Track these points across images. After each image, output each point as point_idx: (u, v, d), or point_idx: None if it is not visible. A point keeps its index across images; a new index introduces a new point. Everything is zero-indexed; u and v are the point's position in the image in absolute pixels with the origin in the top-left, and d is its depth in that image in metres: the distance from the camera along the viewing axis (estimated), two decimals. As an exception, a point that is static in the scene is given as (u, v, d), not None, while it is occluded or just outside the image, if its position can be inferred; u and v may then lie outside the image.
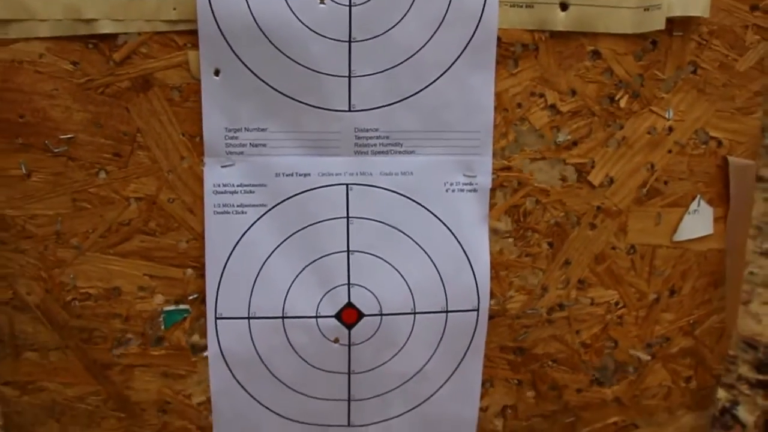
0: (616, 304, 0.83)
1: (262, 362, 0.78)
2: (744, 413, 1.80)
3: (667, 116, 0.79)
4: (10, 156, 0.72)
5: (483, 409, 0.84)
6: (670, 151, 0.80)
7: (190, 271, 0.76)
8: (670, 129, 0.80)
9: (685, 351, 0.86)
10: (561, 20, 0.75)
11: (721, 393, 1.87)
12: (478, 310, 0.79)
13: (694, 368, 0.87)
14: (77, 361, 0.78)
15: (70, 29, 0.71)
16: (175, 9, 0.71)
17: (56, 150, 0.72)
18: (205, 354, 0.78)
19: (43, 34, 0.70)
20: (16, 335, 0.77)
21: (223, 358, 0.78)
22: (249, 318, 0.77)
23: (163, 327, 0.77)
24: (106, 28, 0.71)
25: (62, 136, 0.72)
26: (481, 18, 0.74)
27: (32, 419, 0.80)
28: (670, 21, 0.76)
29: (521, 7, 0.75)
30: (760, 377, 1.89)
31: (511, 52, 0.75)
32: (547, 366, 0.84)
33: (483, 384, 0.83)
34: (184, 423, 0.81)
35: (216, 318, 0.77)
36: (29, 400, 0.79)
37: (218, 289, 0.76)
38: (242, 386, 0.79)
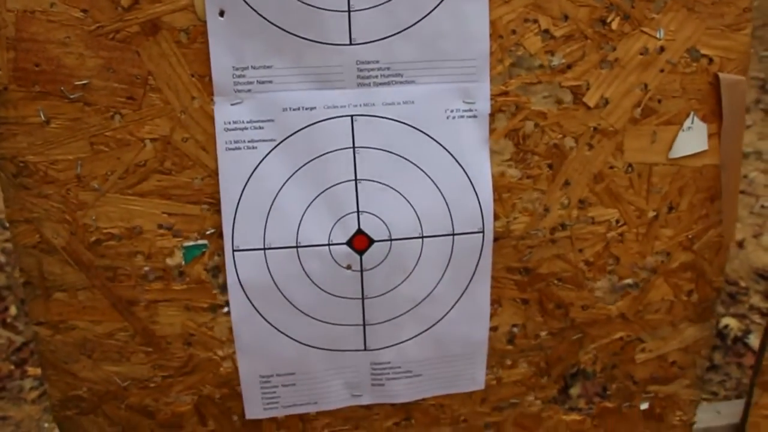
0: (617, 222, 0.83)
1: (279, 291, 0.79)
2: (755, 341, 1.80)
3: (658, 36, 0.78)
4: (28, 104, 0.73)
5: (493, 329, 0.85)
6: (662, 71, 0.79)
7: (206, 207, 0.77)
8: (662, 48, 0.79)
9: (686, 265, 0.86)
10: (551, -54, 0.75)
11: (732, 322, 1.88)
12: (483, 231, 0.80)
13: (695, 282, 0.87)
14: (104, 299, 0.79)
15: (78, -23, 0.72)
16: (177, -48, 0.71)
17: (72, 96, 0.73)
18: (224, 287, 0.79)
19: (53, -17, 0.72)
20: (45, 277, 0.78)
21: (242, 288, 0.78)
22: (264, 249, 0.77)
23: (183, 262, 0.78)
24: (112, -26, 0.72)
25: (77, 83, 0.73)
26: (473, -53, 0.73)
27: (66, 357, 0.82)
28: (658, -61, 0.76)
29: (511, -66, 0.75)
30: None
31: (503, -21, 0.75)
32: (552, 285, 0.84)
33: (491, 304, 0.83)
34: (208, 354, 0.82)
35: (233, 250, 0.77)
36: (62, 339, 0.81)
37: (234, 222, 0.77)
38: (261, 315, 0.79)
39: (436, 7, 0.75)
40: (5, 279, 2.00)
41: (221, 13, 0.73)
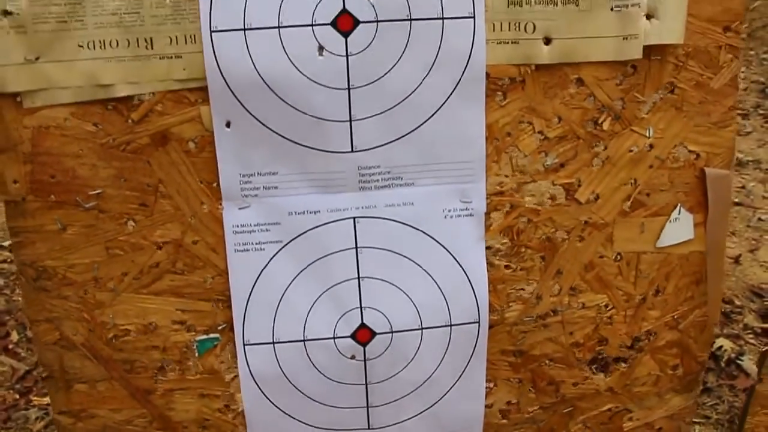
0: (606, 306, 0.80)
1: (288, 380, 0.76)
2: (749, 363, 1.74)
3: (647, 135, 0.75)
4: (45, 213, 0.70)
5: (488, 406, 0.82)
6: (651, 166, 0.76)
7: (217, 304, 0.74)
8: (651, 146, 0.75)
9: (672, 343, 0.83)
10: (545, 54, 0.71)
11: (726, 343, 1.80)
12: (479, 322, 0.77)
13: (680, 357, 0.84)
14: (122, 389, 0.76)
15: (89, 94, 0.67)
16: (185, 69, 0.67)
17: (87, 205, 0.70)
18: (236, 375, 0.77)
19: (66, 100, 0.67)
20: (66, 370, 0.75)
21: (253, 378, 0.76)
22: (273, 343, 0.75)
23: (197, 354, 0.77)
24: (122, 91, 0.67)
25: (91, 192, 0.69)
26: (470, 57, 0.69)
27: None
28: (648, 46, 0.73)
29: (507, 43, 0.71)
30: (766, 326, 1.82)
31: (499, 85, 0.71)
32: (544, 365, 0.82)
33: (487, 384, 0.81)
34: None
35: (244, 344, 0.75)
36: (83, 426, 0.78)
37: (244, 318, 0.74)
38: (271, 401, 0.77)
39: (433, 114, 0.71)
40: (5, 303, 1.85)
41: (227, 124, 0.69)
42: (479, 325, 0.77)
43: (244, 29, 0.66)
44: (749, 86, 3.05)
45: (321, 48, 0.67)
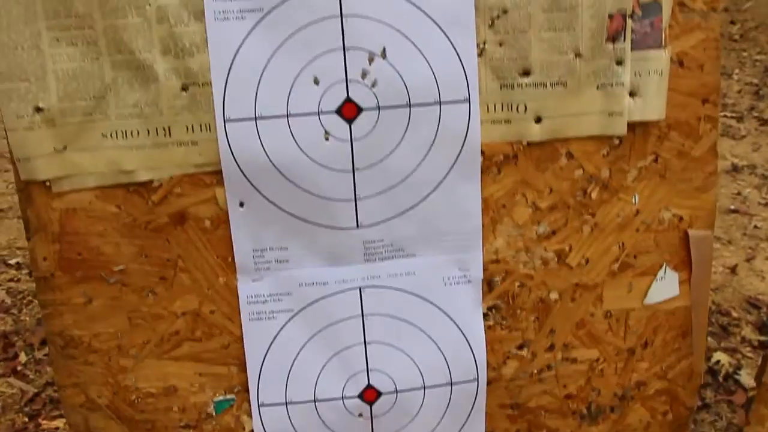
0: (597, 360, 0.86)
1: None
2: (746, 377, 1.76)
3: (633, 201, 0.81)
4: (72, 287, 0.75)
5: (489, 455, 0.90)
6: (637, 230, 0.81)
7: (233, 368, 0.80)
8: (637, 211, 0.81)
9: (661, 391, 0.89)
10: (536, 132, 0.76)
11: (723, 358, 1.81)
12: (477, 380, 0.82)
13: (669, 404, 0.89)
14: None
15: (112, 179, 0.73)
16: (200, 155, 0.73)
17: (111, 280, 0.76)
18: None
19: (91, 184, 0.73)
20: (91, 431, 0.82)
21: None
22: (286, 403, 0.80)
23: (214, 413, 0.83)
24: (143, 176, 0.73)
25: (115, 268, 0.75)
26: (466, 137, 0.75)
27: None
28: (632, 121, 0.78)
29: (500, 123, 0.76)
30: (763, 338, 1.83)
31: (494, 162, 0.76)
32: (540, 416, 0.87)
33: (487, 435, 0.88)
34: None
35: (259, 405, 0.80)
36: None
37: (258, 381, 0.79)
38: None
39: (433, 191, 0.76)
40: (12, 323, 1.84)
41: (241, 204, 0.75)
42: (478, 383, 0.82)
43: (255, 118, 0.71)
44: (743, 88, 3.04)
45: (327, 134, 0.72)
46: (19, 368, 1.73)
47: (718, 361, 1.64)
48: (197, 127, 0.72)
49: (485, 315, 0.81)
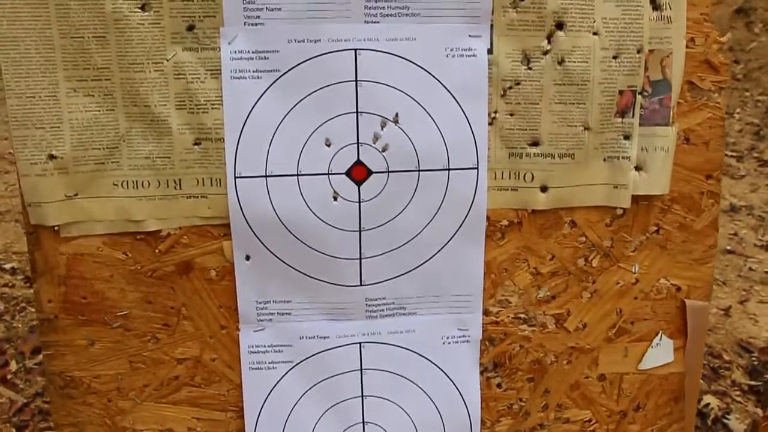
0: (589, 420, 0.88)
1: None
2: (735, 422, 1.77)
3: (633, 271, 0.83)
4: (75, 330, 0.77)
5: (479, 507, 0.92)
6: (636, 298, 0.83)
7: (231, 414, 0.81)
8: (636, 280, 0.83)
9: None
10: (541, 200, 0.78)
11: (713, 401, 1.82)
12: None
13: None
14: None
15: (121, 227, 0.74)
16: (209, 208, 0.75)
17: (114, 324, 0.77)
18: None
19: (100, 231, 0.74)
20: None
21: None
22: None
23: (210, 459, 0.85)
24: (152, 226, 0.74)
25: (119, 313, 0.77)
26: (472, 203, 0.76)
27: None
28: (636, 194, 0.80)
29: (507, 190, 0.78)
30: (753, 383, 1.85)
31: (498, 227, 0.78)
32: None
33: (478, 488, 0.90)
34: None
35: None
36: None
37: (255, 428, 0.81)
38: None
39: (437, 253, 0.78)
40: (4, 329, 1.82)
41: (247, 257, 0.77)
42: (471, 440, 0.84)
43: (266, 176, 0.73)
44: (744, 128, 3.09)
45: (336, 194, 0.74)
46: (9, 377, 1.72)
47: (707, 404, 1.65)
48: (208, 181, 0.74)
49: (481, 373, 0.83)
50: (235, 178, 0.73)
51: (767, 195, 2.54)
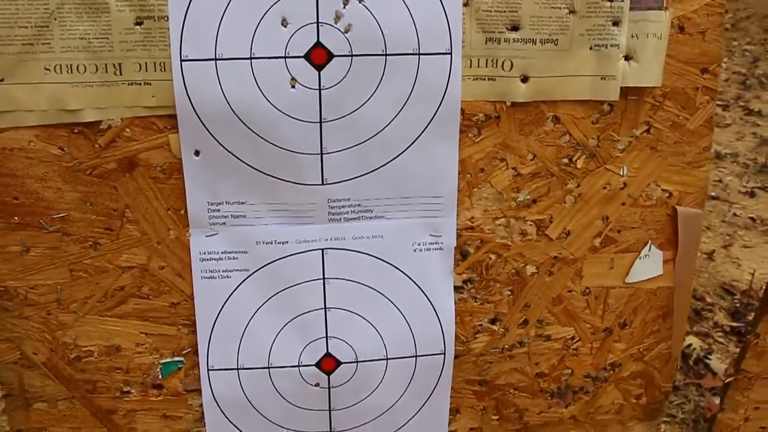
0: (572, 338, 0.85)
1: (251, 405, 0.79)
2: (716, 362, 1.81)
3: (621, 173, 0.79)
4: (8, 234, 0.72)
5: (452, 432, 0.89)
6: (623, 204, 0.79)
7: (182, 328, 0.77)
8: (624, 184, 0.79)
9: (636, 374, 0.88)
10: (522, 92, 0.74)
11: (695, 341, 1.87)
12: (444, 353, 0.80)
13: (644, 387, 0.89)
14: (83, 408, 0.79)
15: (55, 118, 0.69)
16: (153, 96, 0.69)
17: (51, 228, 0.72)
18: (199, 400, 0.80)
19: (31, 122, 0.69)
20: (26, 389, 0.78)
21: (216, 402, 0.79)
22: (238, 369, 0.78)
23: (160, 376, 0.80)
24: (89, 116, 0.69)
25: (55, 215, 0.72)
26: (445, 93, 0.71)
27: None
28: (626, 86, 0.76)
29: (483, 80, 0.73)
30: (735, 324, 1.89)
31: (474, 121, 0.74)
32: (509, 393, 0.86)
33: (451, 411, 0.85)
34: None
35: (208, 370, 0.78)
36: None
37: (209, 344, 0.77)
38: (234, 425, 0.80)
39: (406, 149, 0.74)
40: None
41: (196, 153, 0.71)
42: (444, 357, 0.81)
43: (215, 59, 0.68)
44: (730, 77, 3.11)
45: (293, 80, 0.69)
46: None
47: (689, 345, 1.70)
48: (151, 65, 0.68)
49: (456, 285, 0.79)
50: (181, 61, 0.67)
51: (752, 143, 2.59)
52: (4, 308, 0.75)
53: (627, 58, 0.74)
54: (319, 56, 0.69)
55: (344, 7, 0.68)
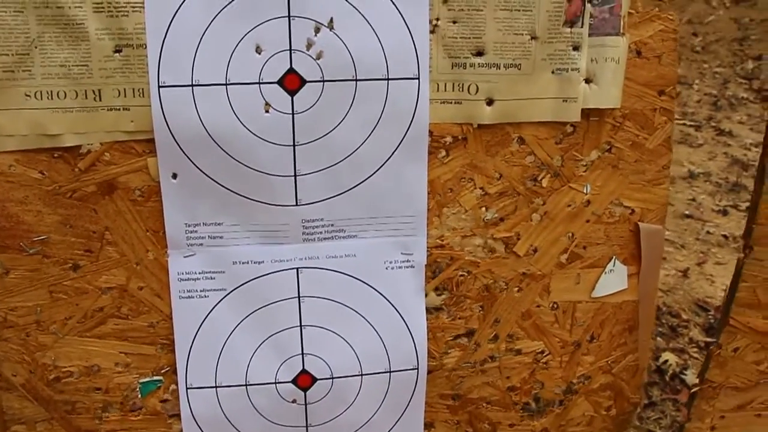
0: (542, 352, 0.88)
1: (230, 423, 0.81)
2: (692, 377, 1.85)
3: (585, 191, 0.82)
4: (-12, 257, 0.75)
5: (427, 446, 0.91)
6: (588, 221, 0.83)
7: (161, 348, 0.79)
8: (588, 202, 0.82)
9: (605, 386, 0.91)
10: (487, 114, 0.77)
11: (671, 357, 1.91)
12: (417, 368, 0.83)
13: (613, 399, 0.92)
14: (63, 429, 0.80)
15: (36, 143, 0.71)
16: (132, 121, 0.72)
17: (31, 250, 0.74)
18: (178, 418, 0.81)
19: (11, 147, 0.71)
20: (4, 411, 0.79)
21: (195, 420, 0.80)
22: (216, 387, 0.79)
23: (140, 396, 0.82)
24: (69, 141, 0.71)
25: (36, 238, 0.74)
26: (413, 116, 0.75)
27: None
28: (587, 108, 0.79)
29: (450, 103, 0.77)
30: (709, 340, 1.93)
31: (442, 143, 0.77)
32: (482, 407, 0.88)
33: (425, 426, 0.87)
34: None
35: (187, 388, 0.79)
36: None
37: (187, 363, 0.79)
38: None
39: (377, 170, 0.76)
40: None
41: (174, 176, 0.74)
42: (418, 372, 0.83)
43: (192, 85, 0.70)
44: (702, 98, 3.21)
45: (268, 105, 0.72)
46: None
47: (666, 361, 1.75)
48: (130, 91, 0.71)
49: (428, 301, 0.81)
50: (159, 87, 0.70)
51: (724, 163, 2.67)
52: (-16, 330, 0.76)
53: (587, 81, 0.78)
54: (292, 82, 0.72)
55: (316, 35, 0.71)
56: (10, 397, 0.79)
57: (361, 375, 0.82)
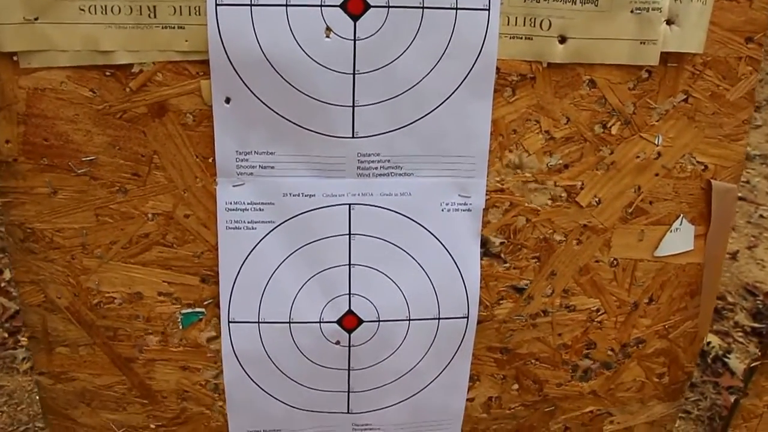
0: (597, 310, 0.84)
1: (271, 360, 0.80)
2: (735, 361, 1.80)
3: (656, 142, 0.78)
4: (36, 176, 0.72)
5: (470, 400, 0.86)
6: (657, 175, 0.78)
7: (205, 279, 0.77)
8: (659, 154, 0.78)
9: (660, 351, 0.87)
10: (559, 52, 0.73)
11: (715, 340, 1.86)
12: (467, 317, 0.81)
13: (667, 366, 0.88)
14: (104, 355, 0.80)
15: (88, 59, 0.69)
16: (187, 41, 0.69)
17: (79, 171, 0.73)
18: (219, 351, 0.80)
19: (63, 63, 0.69)
20: (49, 333, 0.79)
21: (235, 355, 0.80)
22: (259, 322, 0.78)
23: (181, 327, 0.81)
24: (122, 58, 0.69)
25: (84, 158, 0.72)
26: (481, 50, 0.71)
27: (65, 404, 0.83)
28: (666, 52, 0.75)
29: (521, 38, 0.73)
30: (756, 325, 1.88)
31: (509, 81, 0.73)
32: (530, 363, 0.86)
33: (470, 378, 0.85)
34: (201, 408, 0.83)
35: (229, 322, 0.78)
36: (62, 388, 0.82)
37: (231, 296, 0.77)
38: (252, 380, 0.81)
39: (439, 105, 0.73)
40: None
41: (227, 100, 0.71)
42: (467, 321, 0.80)
43: (251, 5, 0.67)
44: (764, 78, 3.07)
45: (329, 30, 0.69)
46: (2, 284, 1.78)
47: (709, 343, 1.70)
48: (185, 9, 0.68)
49: (483, 248, 0.78)
50: (216, 5, 0.67)
51: None
52: (30, 250, 0.75)
53: (669, 22, 0.72)
54: (355, 6, 0.68)
55: (383, -43, 0.68)
56: (54, 319, 0.78)
57: (409, 320, 0.79)
